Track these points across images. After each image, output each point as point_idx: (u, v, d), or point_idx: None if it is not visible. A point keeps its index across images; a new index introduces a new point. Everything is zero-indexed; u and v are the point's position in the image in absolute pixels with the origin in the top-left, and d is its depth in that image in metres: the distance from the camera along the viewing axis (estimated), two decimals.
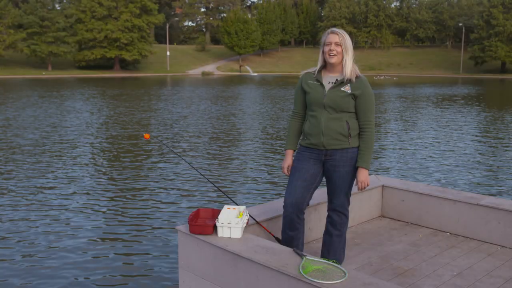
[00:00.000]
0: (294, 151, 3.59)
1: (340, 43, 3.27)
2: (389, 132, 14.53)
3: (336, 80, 3.34)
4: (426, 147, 12.01)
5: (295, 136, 3.56)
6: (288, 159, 3.55)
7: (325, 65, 3.40)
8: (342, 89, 3.29)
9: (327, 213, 3.56)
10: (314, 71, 3.43)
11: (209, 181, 4.01)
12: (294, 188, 3.40)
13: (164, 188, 7.97)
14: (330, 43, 3.29)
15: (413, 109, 22.03)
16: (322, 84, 3.35)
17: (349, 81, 3.30)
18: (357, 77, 3.32)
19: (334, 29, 3.34)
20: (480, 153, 11.37)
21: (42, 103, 22.80)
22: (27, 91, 30.16)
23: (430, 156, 10.86)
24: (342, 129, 3.30)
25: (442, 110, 21.42)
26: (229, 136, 13.69)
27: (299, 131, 3.55)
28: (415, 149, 11.73)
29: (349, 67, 3.29)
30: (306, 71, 3.51)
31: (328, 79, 3.36)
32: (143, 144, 11.98)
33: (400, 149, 11.78)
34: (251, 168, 9.54)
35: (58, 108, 20.76)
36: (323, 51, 3.35)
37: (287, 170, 3.54)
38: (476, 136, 14.09)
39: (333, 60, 3.29)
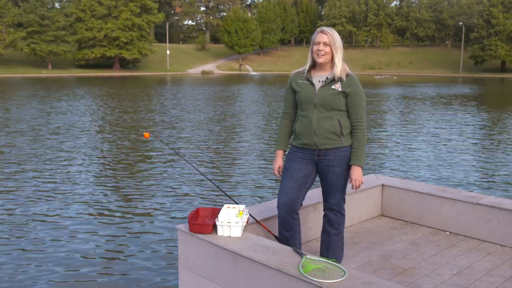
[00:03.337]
0: (285, 151, 3.58)
1: (329, 43, 3.25)
2: (389, 132, 14.53)
3: (327, 78, 3.32)
4: (426, 146, 12.01)
5: (285, 137, 3.55)
6: (279, 160, 3.54)
7: (315, 64, 3.37)
8: (332, 87, 3.28)
9: (323, 213, 3.56)
10: (304, 70, 3.41)
11: (209, 180, 4.00)
12: (286, 188, 3.38)
13: (164, 187, 7.97)
14: (319, 43, 3.26)
15: (413, 108, 22.02)
16: (312, 83, 3.33)
17: (340, 79, 3.29)
18: (347, 75, 3.30)
19: (323, 28, 3.31)
20: (480, 152, 11.37)
21: (29, 102, 22.78)
22: (20, 91, 30.11)
23: (430, 155, 10.86)
24: (334, 128, 3.28)
25: (442, 109, 21.42)
26: (229, 135, 13.69)
27: (289, 131, 3.53)
28: (415, 148, 11.73)
29: (339, 66, 3.27)
30: (296, 71, 3.49)
31: (318, 78, 3.34)
32: (143, 143, 11.98)
33: (400, 148, 11.78)
34: (251, 167, 9.54)
35: (53, 107, 20.76)
36: (312, 50, 3.33)
37: (278, 171, 3.53)
38: (477, 135, 14.09)
39: (321, 60, 3.28)
